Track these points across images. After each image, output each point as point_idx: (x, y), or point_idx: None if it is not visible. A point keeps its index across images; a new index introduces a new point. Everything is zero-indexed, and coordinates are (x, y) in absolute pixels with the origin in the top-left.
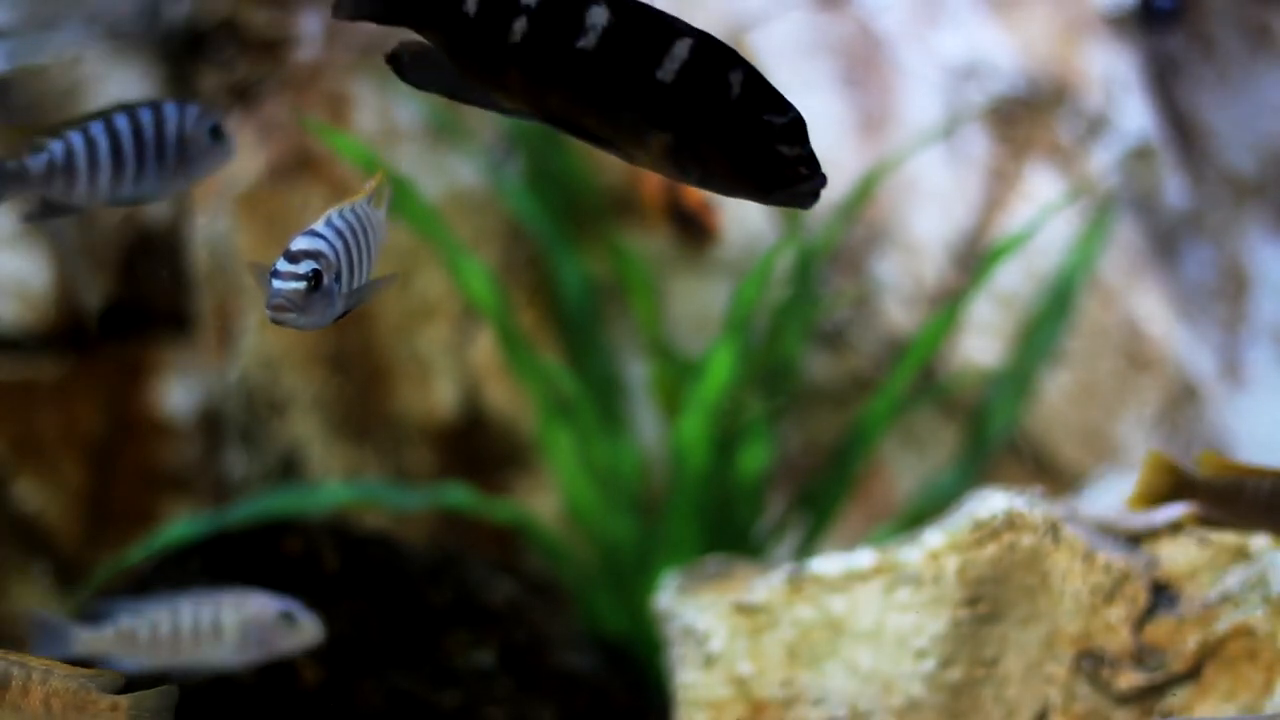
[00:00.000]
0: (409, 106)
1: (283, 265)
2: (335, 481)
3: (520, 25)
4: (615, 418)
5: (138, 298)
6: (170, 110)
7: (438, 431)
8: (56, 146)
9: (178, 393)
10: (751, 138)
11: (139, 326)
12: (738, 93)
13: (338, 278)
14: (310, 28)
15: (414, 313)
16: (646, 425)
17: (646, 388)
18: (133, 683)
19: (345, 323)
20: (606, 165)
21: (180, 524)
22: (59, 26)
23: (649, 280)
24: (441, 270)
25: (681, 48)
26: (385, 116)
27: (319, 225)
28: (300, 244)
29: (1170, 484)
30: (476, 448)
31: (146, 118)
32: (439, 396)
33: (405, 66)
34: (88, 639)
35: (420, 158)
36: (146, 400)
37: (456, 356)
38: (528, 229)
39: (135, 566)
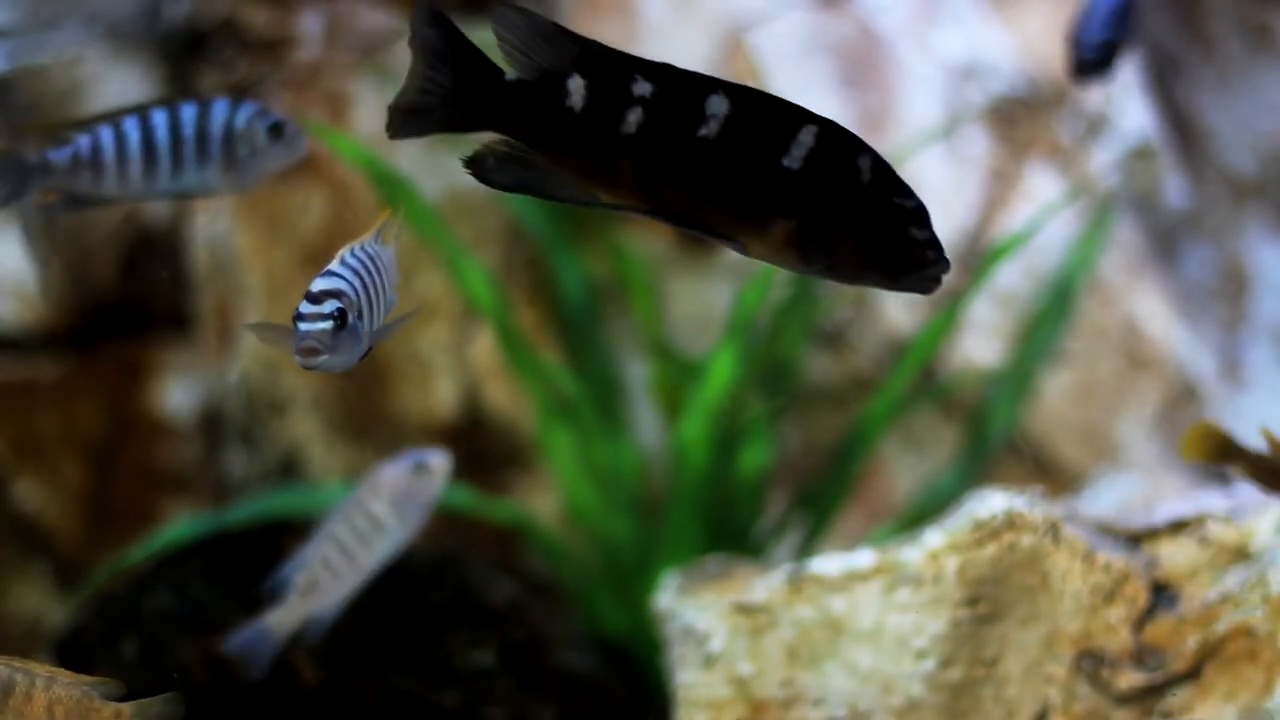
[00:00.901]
0: None
1: (306, 308)
2: (335, 481)
3: (635, 116)
4: (615, 418)
5: (138, 298)
6: (219, 106)
7: (438, 431)
8: (83, 140)
9: (178, 393)
10: (883, 223)
11: (139, 326)
12: (868, 178)
13: (360, 315)
14: (310, 28)
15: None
16: (646, 425)
17: (646, 388)
18: (134, 691)
19: None
20: None
21: (180, 524)
22: (59, 26)
23: (649, 280)
24: (441, 270)
25: (808, 134)
26: (385, 116)
27: (334, 265)
28: (320, 284)
29: (1218, 449)
30: (476, 448)
31: (188, 113)
32: (439, 396)
33: (489, 169)
34: (276, 621)
35: (420, 158)
36: (146, 400)
37: (456, 356)
38: (528, 229)
39: (135, 566)
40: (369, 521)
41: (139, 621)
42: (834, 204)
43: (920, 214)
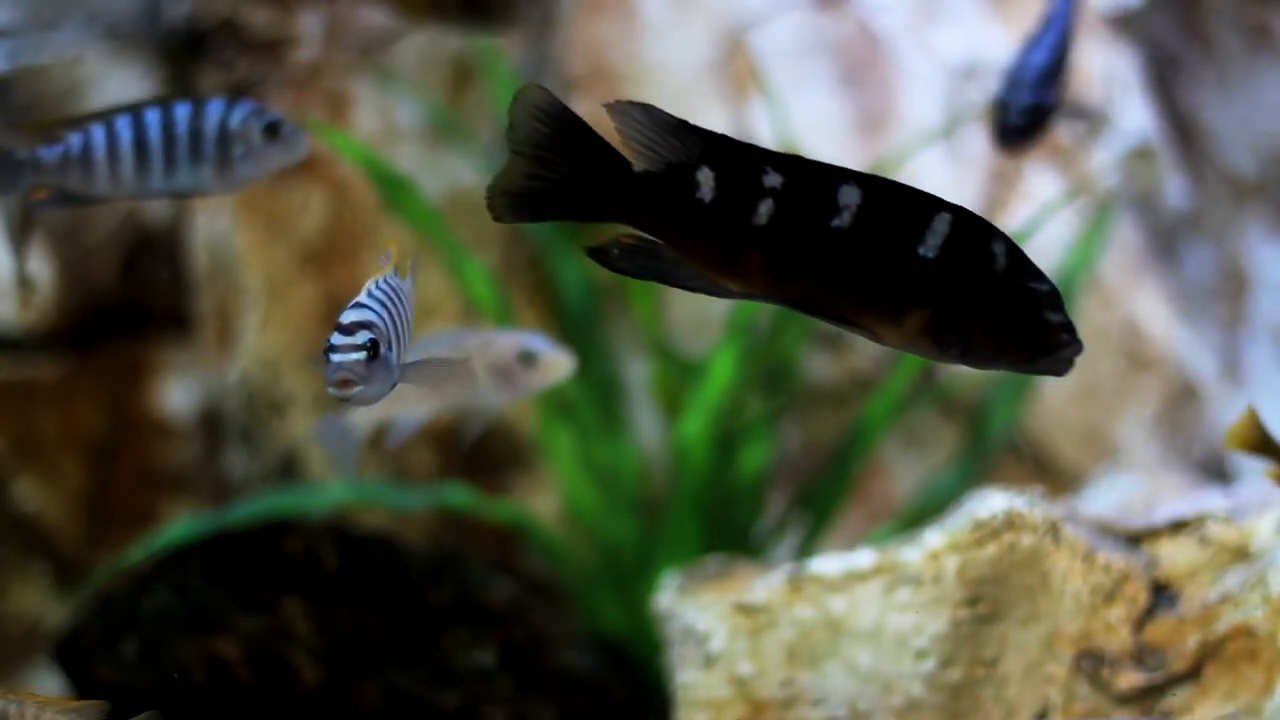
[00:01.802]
0: (409, 106)
1: (338, 339)
2: (335, 481)
3: (766, 208)
4: (615, 418)
5: (138, 298)
6: (214, 106)
7: (438, 431)
8: (75, 139)
9: (178, 393)
10: (1019, 308)
11: (139, 326)
12: (1003, 264)
13: (389, 346)
14: (310, 28)
15: (414, 312)
16: (646, 425)
17: (646, 388)
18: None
19: None
20: None
21: (180, 524)
22: (59, 26)
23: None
24: (442, 270)
25: (942, 222)
26: (385, 116)
27: (362, 297)
28: (351, 316)
29: (1258, 440)
30: (476, 448)
31: (182, 112)
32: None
33: (615, 259)
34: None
35: (420, 158)
36: (146, 400)
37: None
38: (528, 229)
39: (135, 566)
40: (466, 375)
41: (139, 621)
42: (970, 291)
43: (1054, 297)
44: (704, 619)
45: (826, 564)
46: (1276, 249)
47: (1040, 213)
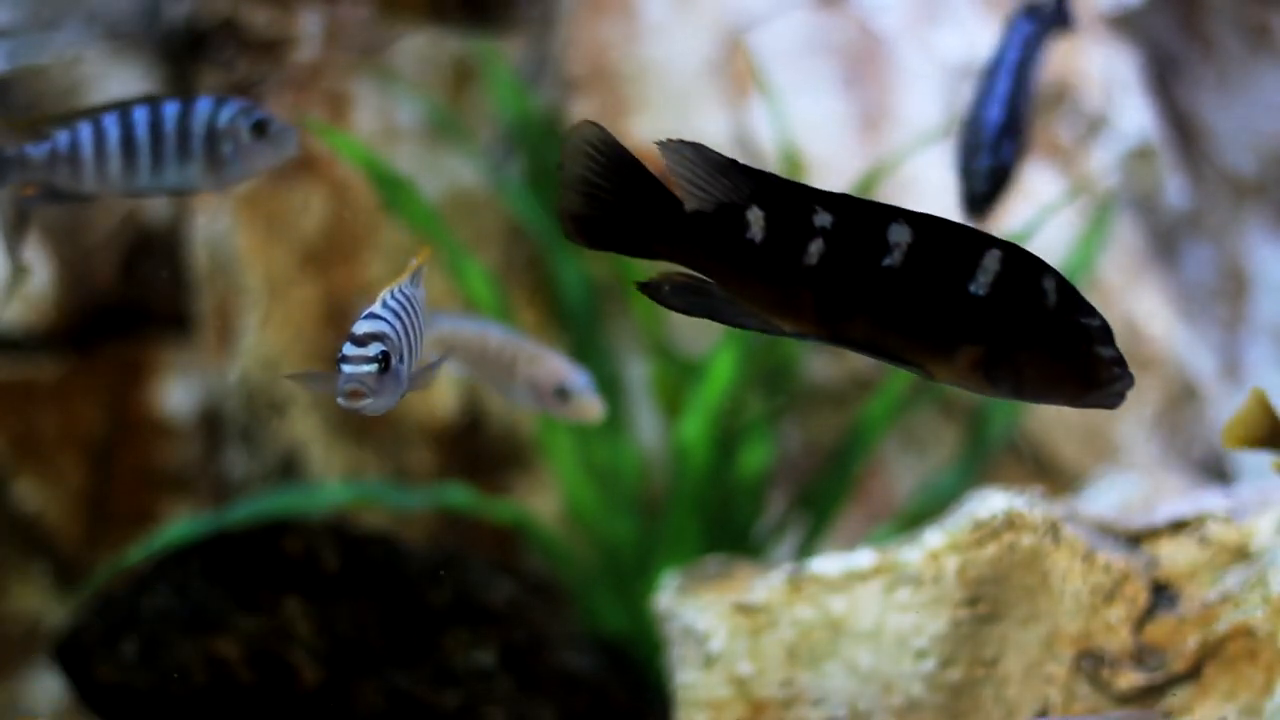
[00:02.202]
0: (409, 106)
1: (351, 350)
2: (335, 481)
3: (816, 247)
4: (615, 418)
5: (138, 298)
6: (202, 104)
7: (438, 431)
8: (62, 136)
9: (178, 393)
10: (1071, 344)
11: (139, 326)
12: (1053, 300)
13: (401, 358)
14: (310, 28)
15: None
16: (646, 425)
17: (646, 388)
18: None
19: (345, 323)
20: None
21: (180, 524)
22: (59, 26)
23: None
24: (441, 270)
25: (992, 259)
26: (385, 116)
27: (376, 308)
28: (364, 327)
29: (1267, 429)
30: (476, 448)
31: (170, 110)
32: (439, 397)
33: (666, 295)
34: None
35: (420, 158)
36: (146, 400)
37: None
38: (528, 229)
39: (135, 566)
40: (508, 369)
41: (139, 621)
42: (1021, 328)
43: (1105, 332)
44: (704, 619)
45: (826, 564)
46: (1276, 249)
47: (1040, 213)
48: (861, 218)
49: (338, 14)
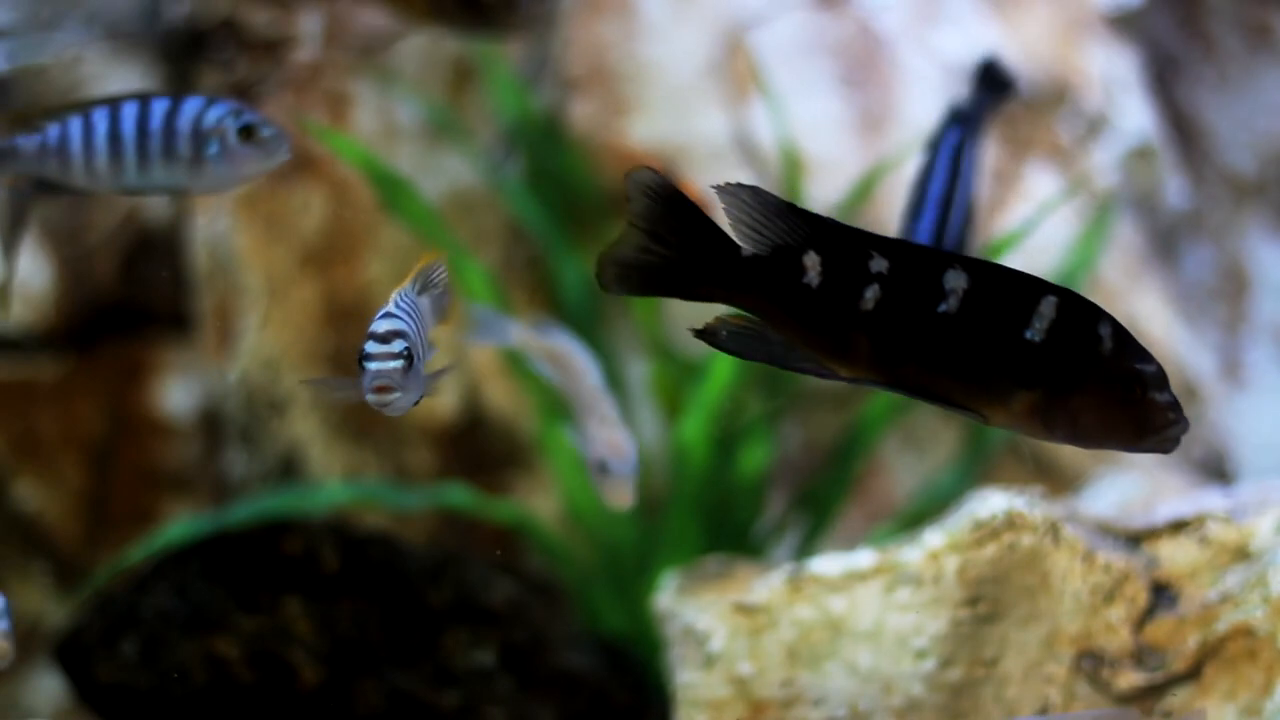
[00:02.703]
0: (409, 106)
1: (375, 347)
2: (335, 481)
3: (872, 293)
4: None
5: (138, 298)
6: (191, 104)
7: (438, 431)
8: (52, 129)
9: (178, 393)
10: (1127, 389)
11: (139, 326)
12: (1109, 346)
13: (419, 357)
14: (310, 28)
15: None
16: (646, 425)
17: (646, 388)
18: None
19: (345, 322)
20: (606, 165)
21: (180, 524)
22: (59, 26)
23: None
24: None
25: (1048, 305)
26: (385, 116)
27: (391, 307)
28: (385, 325)
29: None
30: (476, 448)
31: (158, 108)
32: (439, 397)
33: (723, 340)
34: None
35: (420, 158)
36: (146, 400)
37: (457, 357)
38: (528, 229)
39: (135, 566)
40: (582, 409)
41: (139, 621)
42: (1078, 373)
43: (1160, 378)
44: (704, 619)
45: (826, 564)
46: (1276, 249)
47: (1039, 210)
48: (918, 263)
49: (338, 14)
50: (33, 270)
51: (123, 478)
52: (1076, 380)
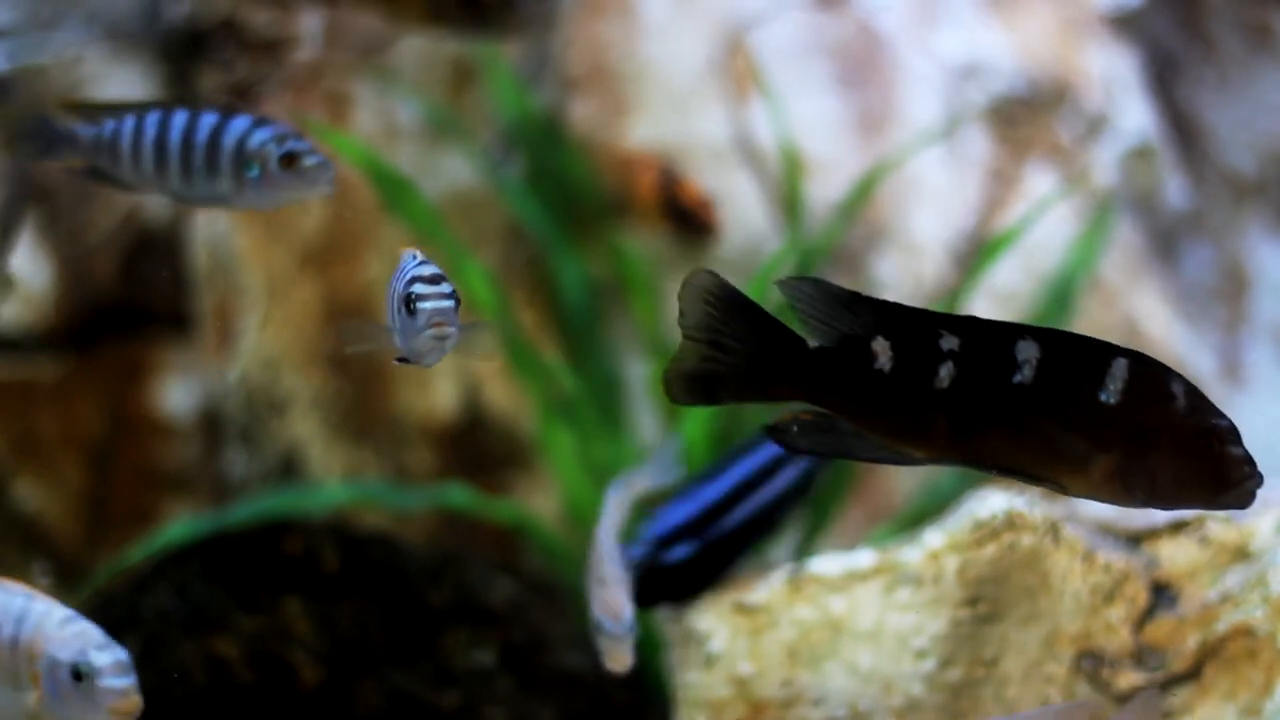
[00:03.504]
0: (409, 107)
1: (425, 289)
2: (335, 481)
3: (946, 371)
4: (615, 418)
5: (138, 298)
6: (238, 122)
7: (438, 431)
8: (109, 124)
9: (178, 393)
10: (1203, 447)
11: (139, 326)
12: (1183, 404)
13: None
14: (310, 28)
15: None
16: (646, 425)
17: (646, 388)
18: None
19: (345, 322)
20: (606, 165)
21: (180, 524)
22: (59, 26)
23: (649, 280)
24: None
25: (1120, 367)
26: (385, 116)
27: (420, 257)
28: (428, 269)
29: None
30: (476, 448)
31: (206, 121)
32: (439, 396)
33: (794, 437)
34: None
35: (420, 158)
36: (146, 400)
37: (456, 357)
38: (528, 229)
39: (135, 566)
40: (593, 561)
41: (139, 621)
42: (1154, 433)
43: (1234, 433)
44: (704, 619)
45: (826, 564)
46: (1276, 249)
47: (1037, 206)
48: (988, 338)
49: (337, 14)
50: (33, 270)
51: (123, 478)
52: (1153, 440)
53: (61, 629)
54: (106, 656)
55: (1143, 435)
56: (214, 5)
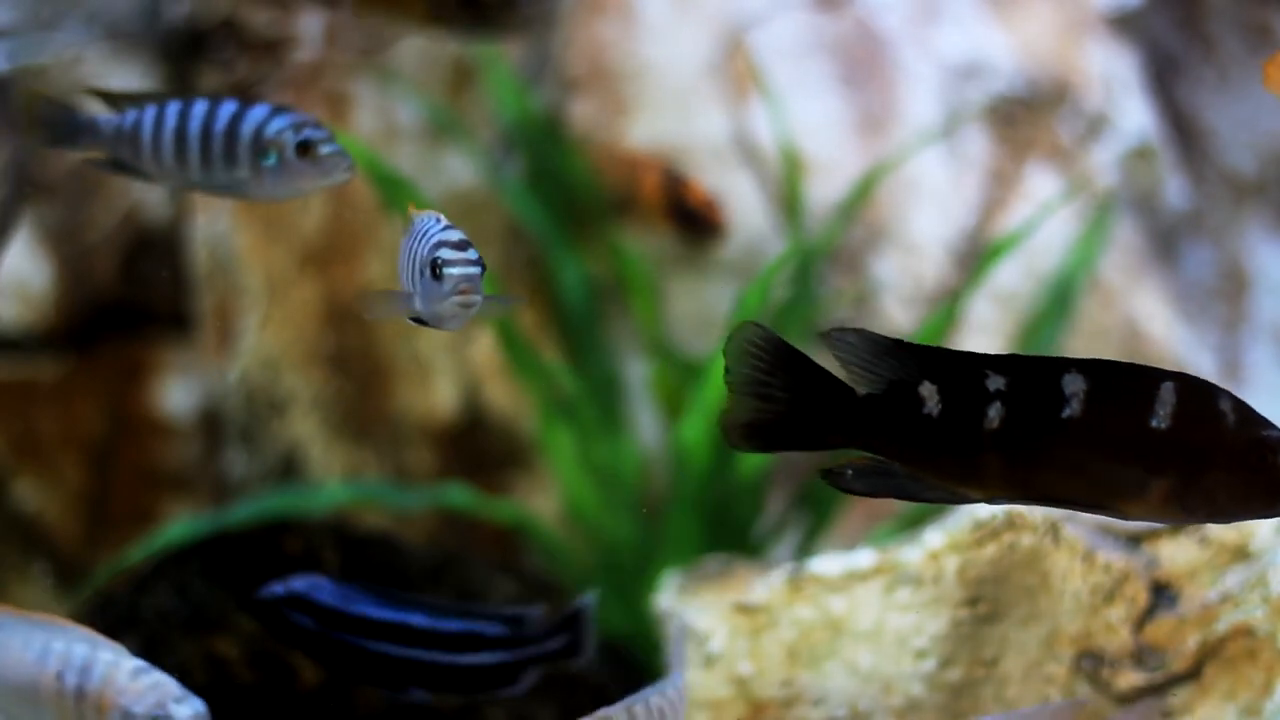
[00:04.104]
0: (409, 107)
1: (451, 254)
2: (335, 481)
3: (995, 411)
4: (615, 418)
5: (138, 298)
6: (257, 111)
7: (438, 431)
8: (130, 114)
9: (178, 393)
10: (1260, 457)
11: (139, 326)
12: (1233, 419)
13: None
14: (310, 28)
15: None
16: (646, 425)
17: (646, 388)
18: None
19: (345, 322)
20: (608, 166)
21: (180, 524)
22: (59, 26)
23: (649, 280)
24: None
25: (1167, 391)
26: (385, 116)
27: (442, 222)
28: (455, 235)
29: None
30: (476, 448)
31: (225, 110)
32: (439, 396)
33: (850, 481)
34: None
35: (420, 158)
36: (146, 400)
37: (456, 356)
38: (528, 229)
39: (135, 566)
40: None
41: (139, 621)
42: (1208, 453)
43: None
44: (704, 619)
45: (826, 564)
46: (1276, 249)
47: (1039, 211)
48: (1034, 374)
49: (338, 14)
50: (33, 270)
51: (123, 478)
52: (1208, 460)
53: (134, 680)
54: (186, 710)
55: (1197, 456)
56: (214, 5)
